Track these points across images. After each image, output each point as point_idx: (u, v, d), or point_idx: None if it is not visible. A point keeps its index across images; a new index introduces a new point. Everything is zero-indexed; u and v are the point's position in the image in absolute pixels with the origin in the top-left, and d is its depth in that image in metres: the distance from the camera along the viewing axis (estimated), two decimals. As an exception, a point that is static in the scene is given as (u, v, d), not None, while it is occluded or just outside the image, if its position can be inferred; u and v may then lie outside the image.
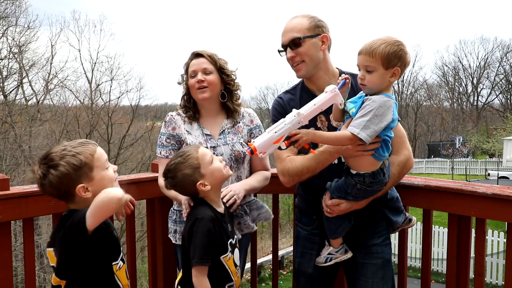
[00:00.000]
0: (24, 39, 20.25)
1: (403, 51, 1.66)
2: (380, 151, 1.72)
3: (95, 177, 1.47)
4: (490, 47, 45.47)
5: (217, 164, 1.80)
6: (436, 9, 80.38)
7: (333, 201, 1.84)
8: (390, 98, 1.68)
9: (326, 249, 1.98)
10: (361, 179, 1.74)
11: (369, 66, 1.66)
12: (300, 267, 2.10)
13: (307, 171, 1.85)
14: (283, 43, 1.95)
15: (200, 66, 2.15)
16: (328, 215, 1.88)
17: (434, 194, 2.07)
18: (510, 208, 1.82)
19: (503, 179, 23.04)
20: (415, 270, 10.69)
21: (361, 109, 1.65)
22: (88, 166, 1.46)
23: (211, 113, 2.24)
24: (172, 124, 2.22)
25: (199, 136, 2.17)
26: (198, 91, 2.14)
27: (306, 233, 2.08)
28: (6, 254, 1.95)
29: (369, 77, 1.67)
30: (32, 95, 20.69)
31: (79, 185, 1.44)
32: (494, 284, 11.23)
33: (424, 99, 47.40)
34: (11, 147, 16.62)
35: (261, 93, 46.54)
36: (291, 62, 1.95)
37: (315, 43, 1.91)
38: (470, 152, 35.28)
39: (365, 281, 1.96)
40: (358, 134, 1.60)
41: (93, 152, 1.49)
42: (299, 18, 1.94)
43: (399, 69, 1.66)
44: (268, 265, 12.90)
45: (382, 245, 1.99)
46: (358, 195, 1.80)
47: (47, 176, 1.44)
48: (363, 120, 1.61)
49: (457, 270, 2.07)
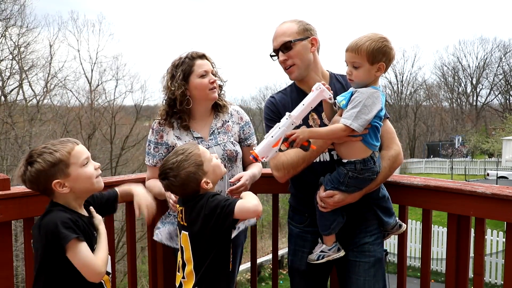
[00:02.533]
0: (24, 40, 20.25)
1: (387, 46, 1.74)
2: (368, 138, 1.79)
3: (71, 173, 1.56)
4: (490, 48, 45.45)
5: (216, 161, 1.81)
6: (435, 9, 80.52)
7: (327, 192, 1.87)
8: (377, 89, 1.78)
9: (319, 246, 2.00)
10: (353, 167, 1.81)
11: (355, 62, 1.75)
12: (293, 264, 2.14)
13: (303, 161, 1.90)
14: (274, 48, 2.02)
15: (209, 67, 2.18)
16: (322, 210, 1.90)
17: (433, 194, 2.08)
18: (509, 208, 1.83)
19: (502, 179, 23.05)
20: (414, 269, 10.70)
21: (351, 102, 1.74)
22: (63, 163, 1.54)
23: (204, 114, 2.25)
24: (160, 132, 2.21)
25: (189, 141, 2.17)
26: (210, 91, 2.16)
27: (298, 231, 2.12)
28: (6, 253, 1.96)
29: (356, 73, 1.76)
30: (32, 95, 20.69)
31: (54, 181, 1.53)
32: (493, 284, 11.25)
33: (423, 99, 47.47)
34: (11, 147, 16.62)
35: (261, 93, 46.51)
36: (283, 65, 2.03)
37: (305, 46, 1.99)
38: (469, 152, 35.28)
39: (357, 279, 1.99)
40: (350, 125, 1.70)
41: (70, 149, 1.57)
42: (288, 23, 2.02)
43: (384, 64, 1.75)
44: (268, 265, 12.92)
45: (374, 244, 2.02)
46: (351, 184, 1.84)
47: (26, 172, 1.54)
48: (353, 111, 1.71)
49: (457, 269, 2.08)
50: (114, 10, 71.20)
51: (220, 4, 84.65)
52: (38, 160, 1.53)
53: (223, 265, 1.75)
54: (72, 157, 1.57)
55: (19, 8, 19.74)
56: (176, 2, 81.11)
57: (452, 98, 47.56)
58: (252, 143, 2.33)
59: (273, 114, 2.06)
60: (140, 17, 78.68)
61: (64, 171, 1.55)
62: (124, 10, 75.79)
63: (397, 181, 2.19)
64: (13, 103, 19.05)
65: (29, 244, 2.03)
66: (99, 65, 23.21)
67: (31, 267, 2.05)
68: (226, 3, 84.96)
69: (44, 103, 20.97)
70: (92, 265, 1.48)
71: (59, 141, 1.60)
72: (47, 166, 1.52)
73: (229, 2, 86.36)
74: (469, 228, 2.06)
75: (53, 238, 1.45)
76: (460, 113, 46.12)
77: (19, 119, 18.37)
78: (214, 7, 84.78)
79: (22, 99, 20.26)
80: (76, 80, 22.80)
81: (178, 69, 2.15)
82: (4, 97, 18.91)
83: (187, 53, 2.19)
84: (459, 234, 2.06)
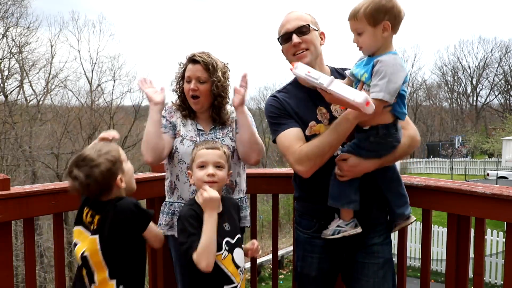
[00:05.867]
0: (25, 40, 20.26)
1: (386, 4, 1.64)
2: (397, 106, 1.71)
3: (125, 168, 1.72)
4: (490, 48, 45.63)
5: (131, 173, 1.82)
6: (435, 9, 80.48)
7: (342, 154, 1.79)
8: (396, 54, 1.68)
9: (335, 221, 1.89)
10: (374, 132, 1.72)
11: (358, 29, 1.69)
12: (303, 270, 2.07)
13: (329, 148, 1.77)
14: (288, 30, 1.92)
15: (194, 73, 2.12)
16: (339, 179, 1.82)
17: (433, 194, 2.07)
18: (509, 208, 1.83)
19: (502, 179, 23.05)
20: (414, 269, 10.69)
21: (376, 73, 1.64)
22: (119, 160, 1.70)
23: (202, 116, 2.25)
24: (170, 113, 2.25)
25: (191, 130, 2.20)
26: (191, 99, 2.16)
27: (306, 236, 2.05)
28: (6, 254, 1.95)
29: (361, 39, 1.69)
30: (32, 95, 20.70)
31: (118, 177, 1.67)
32: (493, 284, 11.25)
33: (423, 99, 47.46)
34: (12, 147, 16.63)
35: (260, 93, 46.47)
36: (295, 49, 1.92)
37: (317, 36, 1.95)
38: (469, 152, 35.28)
39: (366, 281, 1.95)
40: (383, 98, 1.60)
41: (117, 148, 1.74)
42: (300, 12, 1.97)
43: (389, 22, 1.65)
44: (268, 265, 12.91)
45: (383, 244, 1.98)
46: (371, 148, 1.75)
47: (91, 175, 1.61)
48: (382, 82, 1.61)
49: (457, 269, 2.07)
50: (115, 10, 71.25)
51: (220, 5, 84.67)
52: (101, 161, 1.63)
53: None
54: (121, 154, 1.73)
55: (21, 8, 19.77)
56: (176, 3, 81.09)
57: (452, 98, 47.57)
58: None
59: (279, 112, 1.95)
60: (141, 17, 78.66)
61: (121, 167, 1.70)
62: (125, 11, 75.80)
63: (397, 181, 2.19)
64: (14, 103, 19.06)
65: (29, 244, 2.03)
66: (99, 65, 23.24)
67: (31, 267, 2.05)
68: (226, 3, 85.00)
69: (44, 103, 20.98)
70: (161, 235, 1.82)
71: (100, 144, 1.74)
72: (111, 165, 1.64)
73: (229, 3, 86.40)
74: (469, 228, 2.05)
75: (139, 214, 1.63)
76: (460, 113, 46.12)
77: (19, 119, 18.37)
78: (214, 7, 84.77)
79: (22, 98, 20.28)
80: (76, 80, 22.83)
81: (180, 70, 2.22)
82: (4, 96, 18.92)
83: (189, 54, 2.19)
84: (459, 234, 2.06)
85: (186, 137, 2.17)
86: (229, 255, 1.79)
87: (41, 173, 18.76)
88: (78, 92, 22.48)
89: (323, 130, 1.86)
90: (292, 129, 1.89)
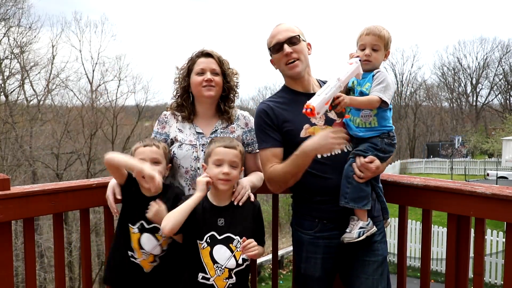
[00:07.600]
0: (26, 40, 20.26)
1: (391, 38, 2.00)
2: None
3: None
4: (489, 48, 45.51)
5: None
6: (435, 9, 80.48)
7: (370, 157, 1.90)
8: None
9: (356, 224, 1.94)
10: (386, 133, 1.96)
11: (376, 45, 1.95)
12: (307, 272, 2.07)
13: (291, 177, 1.94)
14: (280, 40, 2.02)
15: (209, 65, 2.20)
16: (359, 181, 1.90)
17: (433, 194, 2.08)
18: (509, 208, 1.83)
19: (502, 179, 23.04)
20: (414, 269, 10.68)
21: (376, 79, 1.92)
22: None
23: (207, 113, 2.26)
24: (163, 123, 2.28)
25: (190, 135, 2.20)
26: (204, 88, 2.17)
27: (309, 237, 2.05)
28: (6, 253, 1.96)
29: (375, 55, 1.95)
30: (33, 95, 20.70)
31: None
32: (493, 284, 11.25)
33: (423, 99, 47.47)
34: (12, 147, 16.62)
35: (260, 93, 46.50)
36: (287, 59, 2.02)
37: (306, 47, 2.08)
38: (469, 152, 35.28)
39: (366, 279, 1.98)
40: (383, 97, 1.87)
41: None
42: (288, 23, 2.08)
43: (389, 52, 2.00)
44: (268, 265, 12.91)
45: (382, 242, 2.04)
46: (386, 150, 1.96)
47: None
48: (382, 86, 1.90)
49: (456, 269, 2.07)
50: (118, 11, 71.33)
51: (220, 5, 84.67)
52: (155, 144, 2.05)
53: None
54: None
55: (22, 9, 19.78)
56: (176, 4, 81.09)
57: (452, 98, 47.57)
58: (254, 150, 2.26)
59: (269, 121, 2.03)
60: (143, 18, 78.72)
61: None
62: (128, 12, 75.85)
63: (397, 181, 2.19)
64: (14, 103, 19.06)
65: (29, 244, 2.03)
66: (100, 65, 23.24)
67: (31, 267, 2.05)
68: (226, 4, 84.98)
69: (45, 103, 20.98)
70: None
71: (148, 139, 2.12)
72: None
73: (229, 3, 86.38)
74: (469, 228, 2.05)
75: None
76: (460, 113, 46.12)
77: (20, 119, 18.37)
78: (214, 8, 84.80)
79: (23, 98, 20.28)
80: (77, 80, 22.84)
81: (186, 65, 2.25)
82: (5, 96, 18.92)
83: (198, 50, 2.24)
84: (459, 234, 2.06)
85: (185, 142, 2.17)
86: (208, 248, 1.86)
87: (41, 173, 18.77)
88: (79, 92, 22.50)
89: (318, 132, 1.94)
90: (271, 149, 2.02)
